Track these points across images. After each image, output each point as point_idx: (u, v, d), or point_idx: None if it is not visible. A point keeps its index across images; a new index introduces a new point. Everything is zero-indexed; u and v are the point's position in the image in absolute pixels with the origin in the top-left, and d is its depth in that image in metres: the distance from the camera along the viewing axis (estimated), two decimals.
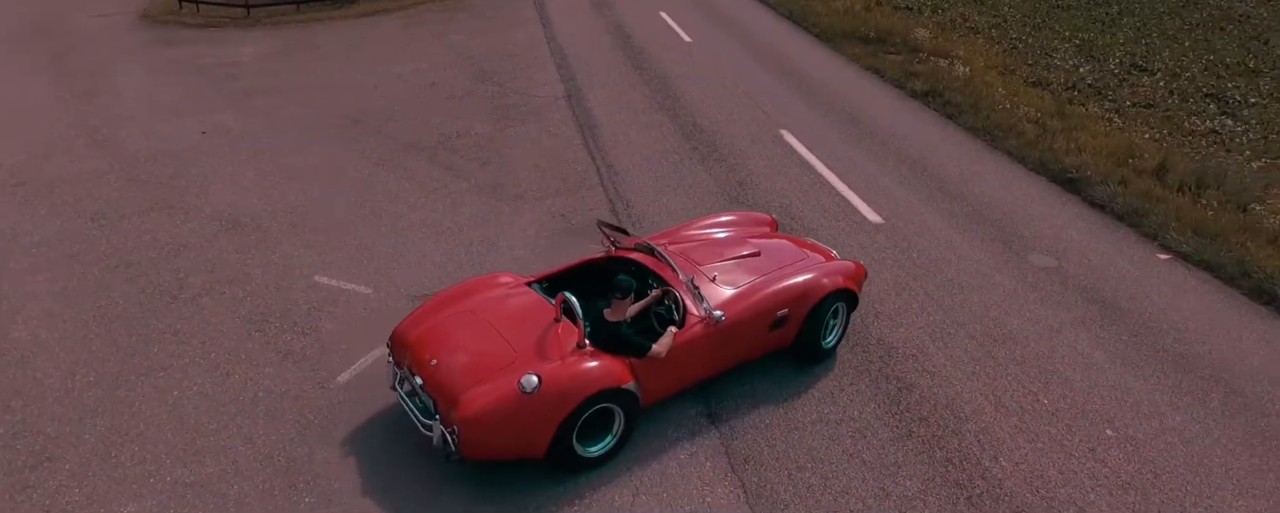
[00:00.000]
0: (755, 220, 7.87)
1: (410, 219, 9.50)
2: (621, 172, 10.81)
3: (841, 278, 6.83)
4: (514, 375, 5.45)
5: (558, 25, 18.16)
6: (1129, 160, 11.24)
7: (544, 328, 5.85)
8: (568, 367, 5.55)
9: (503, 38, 17.20)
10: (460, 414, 5.33)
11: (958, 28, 18.87)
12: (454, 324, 5.97)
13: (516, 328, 5.87)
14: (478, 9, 19.75)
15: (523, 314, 6.03)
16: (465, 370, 5.56)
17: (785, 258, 7.00)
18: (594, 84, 14.27)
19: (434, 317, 6.08)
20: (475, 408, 5.33)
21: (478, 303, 6.18)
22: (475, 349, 5.71)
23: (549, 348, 5.69)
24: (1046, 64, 16.46)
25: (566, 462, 5.71)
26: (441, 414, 5.49)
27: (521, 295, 6.29)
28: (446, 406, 5.46)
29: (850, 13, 18.97)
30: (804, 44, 17.29)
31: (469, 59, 15.79)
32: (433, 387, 5.60)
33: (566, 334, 5.80)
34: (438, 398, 5.54)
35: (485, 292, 6.31)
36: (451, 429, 5.38)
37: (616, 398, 5.70)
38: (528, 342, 5.74)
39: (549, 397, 5.40)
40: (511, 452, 5.57)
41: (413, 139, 11.87)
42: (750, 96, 13.78)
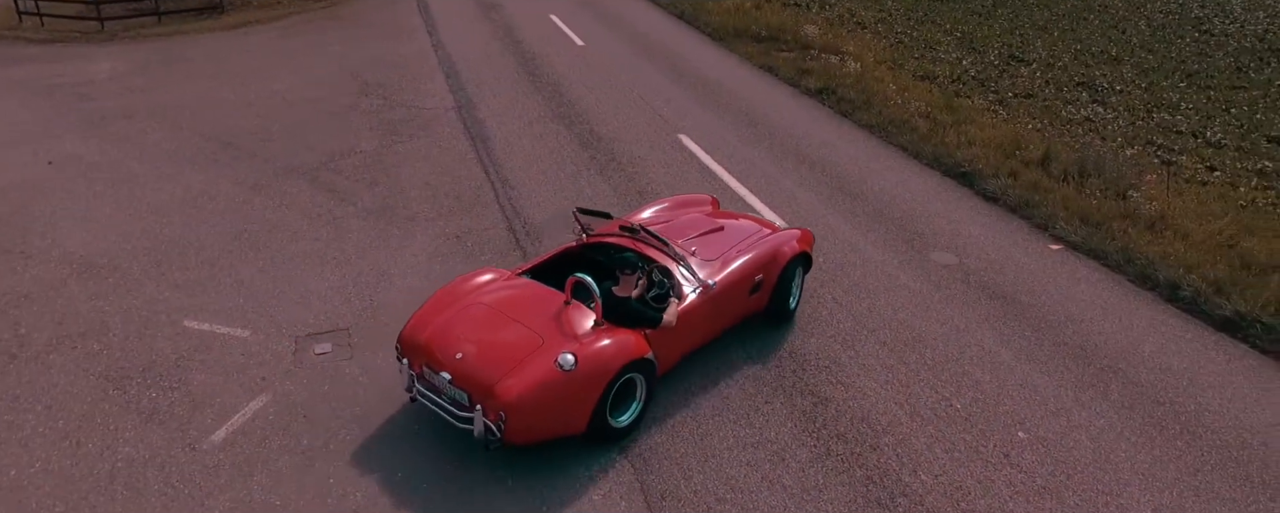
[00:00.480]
0: (697, 201, 8.36)
1: (292, 250, 8.77)
2: (517, 186, 10.32)
3: (799, 244, 7.49)
4: (547, 358, 5.60)
5: (444, 32, 17.44)
6: (1016, 152, 11.49)
7: (557, 311, 6.00)
8: (596, 343, 5.76)
9: (387, 47, 16.37)
10: (504, 400, 5.40)
11: (845, 23, 19.12)
12: (468, 318, 6.03)
13: (531, 314, 5.99)
14: (359, 17, 18.79)
15: (533, 301, 6.15)
16: (495, 359, 5.63)
17: (747, 230, 7.58)
18: (485, 93, 13.68)
19: (443, 314, 6.10)
20: (518, 392, 5.42)
21: (484, 296, 6.23)
22: (498, 339, 5.79)
23: (570, 329, 5.86)
24: (932, 57, 16.83)
25: (602, 434, 5.93)
26: (482, 405, 5.51)
27: (524, 285, 6.41)
28: (483, 395, 5.51)
29: (740, 10, 18.95)
30: (697, 43, 17.13)
31: (352, 71, 14.92)
32: (463, 380, 5.62)
33: (581, 315, 6.01)
34: (471, 390, 5.58)
35: (483, 286, 6.38)
36: (497, 417, 5.43)
37: (640, 368, 5.99)
38: (547, 326, 5.86)
39: (585, 373, 5.62)
40: (555, 431, 5.73)
41: (293, 161, 11.04)
42: (646, 100, 13.49)
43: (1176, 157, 12.20)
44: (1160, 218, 9.59)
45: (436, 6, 19.68)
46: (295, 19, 18.58)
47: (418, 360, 5.92)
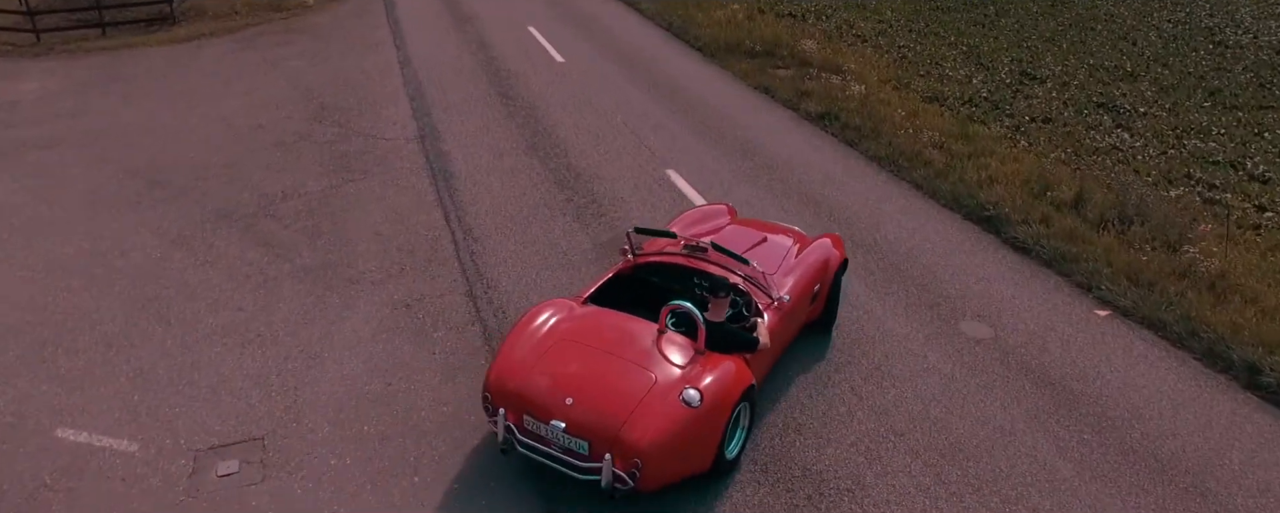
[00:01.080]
0: (716, 212, 7.89)
1: (208, 324, 7.32)
2: (482, 237, 8.90)
3: (839, 249, 7.31)
4: (666, 396, 5.20)
5: (413, 46, 15.96)
6: (1045, 192, 10.15)
7: (654, 342, 5.59)
8: (708, 374, 5.38)
9: (349, 64, 14.89)
10: (638, 446, 5.00)
11: (844, 36, 17.75)
12: (562, 358, 5.50)
13: (628, 348, 5.54)
14: (323, 29, 17.28)
15: (624, 333, 5.68)
16: (612, 402, 5.18)
17: (787, 239, 7.25)
18: (452, 119, 12.24)
19: (531, 356, 5.54)
20: (651, 437, 5.02)
21: (571, 332, 5.69)
22: (606, 378, 5.34)
23: (674, 361, 5.47)
24: (939, 75, 15.49)
25: (720, 468, 5.55)
26: (611, 454, 5.04)
27: (607, 317, 5.89)
28: (609, 443, 5.07)
29: (732, 23, 17.54)
30: (687, 60, 15.73)
31: (307, 92, 13.43)
32: (580, 428, 5.14)
33: (679, 344, 5.62)
34: (593, 438, 5.12)
35: (562, 321, 5.80)
36: (630, 465, 5.00)
37: (748, 395, 5.62)
38: (650, 359, 5.46)
39: (709, 407, 5.25)
40: (683, 472, 5.32)
41: (227, 204, 9.57)
42: (631, 127, 12.08)
43: (1220, 193, 10.89)
44: (1221, 277, 8.26)
45: (407, 18, 18.20)
46: (253, 31, 17.06)
47: (516, 410, 5.35)
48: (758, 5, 19.42)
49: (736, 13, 18.33)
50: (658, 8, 18.92)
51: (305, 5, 18.99)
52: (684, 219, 7.72)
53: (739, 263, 6.31)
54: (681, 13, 18.33)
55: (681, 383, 5.24)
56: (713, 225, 7.49)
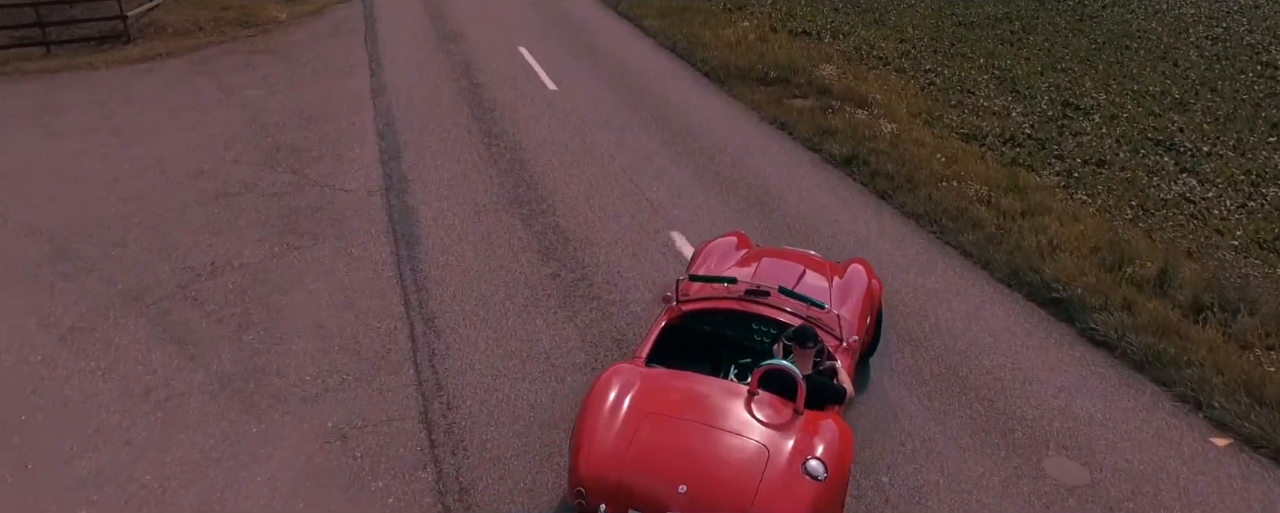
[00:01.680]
0: (727, 245, 7.04)
1: (78, 471, 5.62)
2: (446, 331, 7.21)
3: (875, 276, 6.84)
4: (786, 469, 4.59)
5: (391, 71, 14.26)
6: (1121, 266, 8.47)
7: (749, 407, 4.98)
8: (819, 439, 4.81)
9: (316, 92, 13.19)
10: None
11: (864, 58, 16.03)
12: (658, 437, 4.78)
13: (725, 417, 4.91)
14: (292, 50, 15.58)
15: (713, 400, 5.04)
16: (730, 484, 4.53)
17: (827, 270, 6.67)
18: (425, 165, 10.54)
19: (624, 439, 4.76)
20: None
21: (654, 405, 4.95)
22: (715, 457, 4.68)
23: (778, 425, 4.87)
24: (973, 105, 13.78)
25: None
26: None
27: (687, 381, 5.23)
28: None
29: (743, 43, 15.84)
30: (693, 87, 14.02)
31: (263, 127, 11.73)
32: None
33: (776, 405, 5.01)
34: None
35: (640, 392, 5.03)
36: None
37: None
38: (752, 428, 4.84)
39: (834, 477, 4.68)
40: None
41: (140, 281, 7.88)
42: (630, 175, 10.38)
43: None
44: None
45: (388, 36, 16.49)
46: (215, 51, 15.35)
47: (618, 505, 4.56)
48: (769, 23, 17.72)
49: (747, 32, 16.63)
50: (662, 25, 17.22)
51: (277, 21, 17.30)
52: (705, 256, 6.91)
53: (809, 306, 5.70)
54: (687, 31, 16.62)
55: (798, 453, 4.66)
56: (740, 259, 6.72)
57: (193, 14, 16.78)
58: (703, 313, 5.80)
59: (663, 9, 18.31)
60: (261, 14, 17.45)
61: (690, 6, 18.50)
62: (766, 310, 5.70)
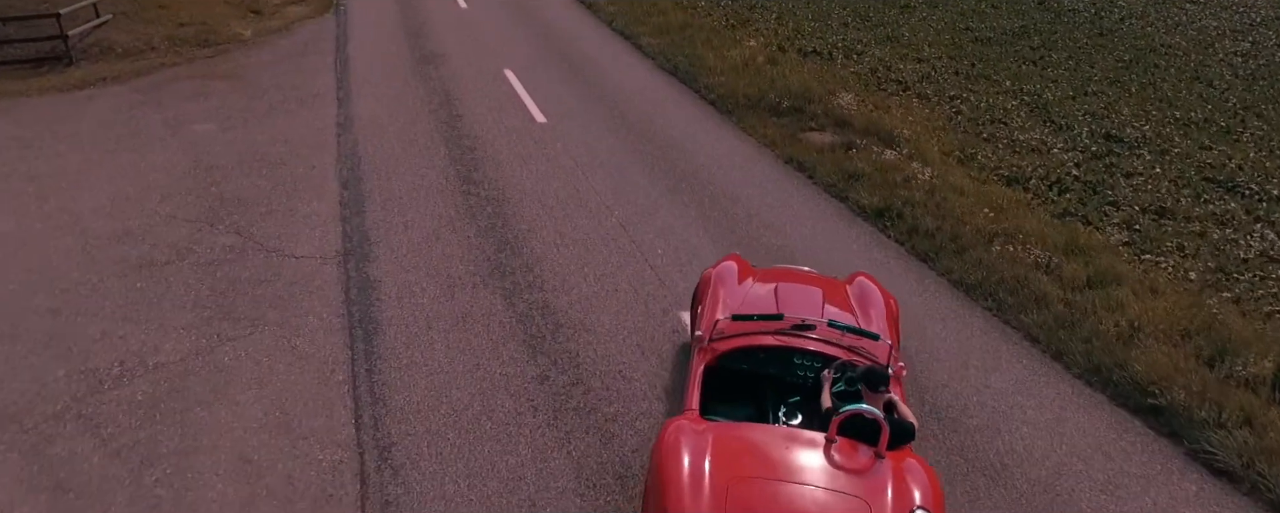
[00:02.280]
0: (730, 271, 6.38)
1: None
2: (404, 466, 5.64)
3: (884, 289, 6.44)
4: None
5: (360, 101, 12.66)
6: (1223, 357, 7.02)
7: (830, 456, 4.52)
8: (911, 482, 4.43)
9: (273, 127, 11.59)
10: None
11: (882, 82, 14.53)
12: (755, 506, 4.18)
13: (813, 472, 4.43)
14: (252, 74, 13.95)
15: (794, 454, 4.51)
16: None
17: (841, 290, 6.28)
18: (392, 221, 8.99)
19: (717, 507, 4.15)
20: None
21: (737, 468, 4.39)
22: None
23: (868, 475, 4.45)
24: (1007, 138, 12.30)
25: None
26: None
27: (759, 433, 4.70)
28: None
29: (751, 66, 14.33)
30: (698, 118, 12.50)
31: (209, 172, 10.13)
32: None
33: (858, 452, 4.58)
34: None
35: (718, 452, 4.46)
36: None
37: None
38: (844, 480, 4.40)
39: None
40: None
41: (24, 393, 6.27)
42: (629, 231, 8.85)
43: None
44: None
45: (359, 57, 14.90)
46: (166, 75, 13.71)
47: None
48: (777, 42, 16.22)
49: (754, 53, 15.12)
50: (661, 44, 15.69)
51: (240, 39, 15.66)
52: (713, 286, 6.24)
53: (860, 337, 5.43)
54: (690, 52, 15.09)
55: (900, 503, 4.36)
56: (754, 287, 6.18)
57: (145, 32, 15.12)
58: (740, 351, 5.39)
59: (661, 25, 16.79)
60: (223, 31, 15.81)
61: (691, 23, 16.97)
62: (811, 344, 5.34)
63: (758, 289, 6.05)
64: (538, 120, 12.03)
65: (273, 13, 17.78)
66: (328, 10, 18.17)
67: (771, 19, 18.38)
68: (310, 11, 17.90)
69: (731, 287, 6.13)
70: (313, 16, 17.56)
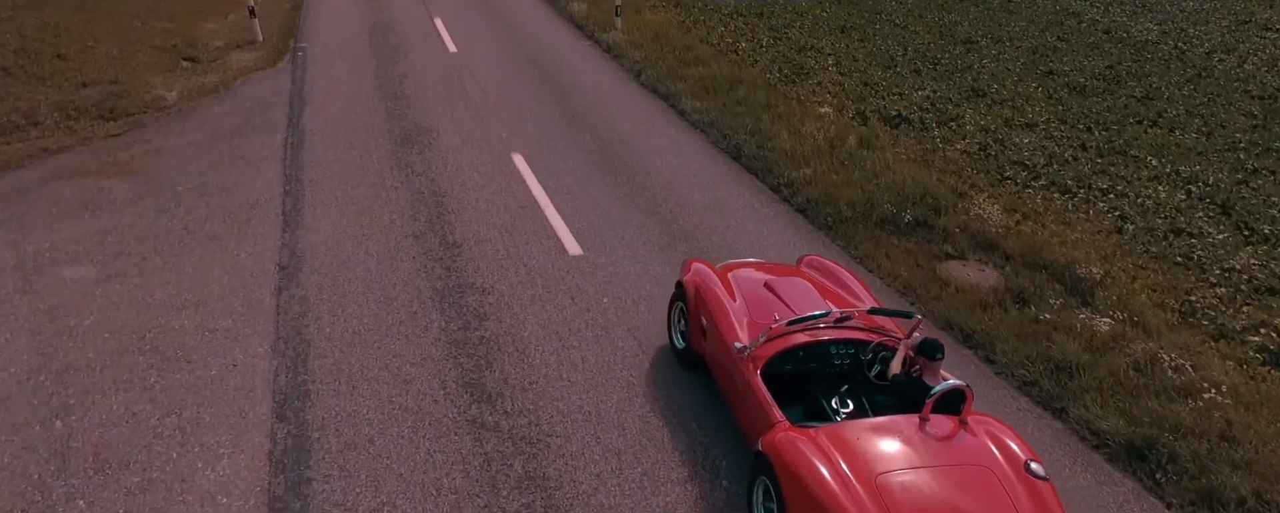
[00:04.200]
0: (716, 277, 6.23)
1: None
2: None
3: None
4: (1019, 481, 4.47)
5: (315, 218, 8.62)
6: None
7: (938, 434, 4.71)
8: (1001, 433, 4.78)
9: (182, 271, 7.55)
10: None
11: (1003, 166, 10.64)
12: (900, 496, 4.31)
13: (929, 452, 4.59)
14: (166, 167, 9.82)
15: (904, 440, 4.65)
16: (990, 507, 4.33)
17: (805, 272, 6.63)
18: (355, 490, 5.15)
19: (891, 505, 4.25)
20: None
21: (869, 465, 4.46)
22: (958, 493, 4.38)
23: (968, 442, 4.69)
24: (1220, 267, 8.59)
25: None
26: None
27: (865, 429, 4.73)
28: None
29: (838, 149, 10.40)
30: (793, 240, 8.66)
31: (58, 384, 6.09)
32: None
33: (949, 422, 4.81)
34: None
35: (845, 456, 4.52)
36: None
37: None
38: (956, 452, 4.61)
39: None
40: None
41: None
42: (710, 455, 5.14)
43: None
44: None
45: (319, 139, 10.87)
46: (43, 171, 9.59)
47: None
48: (854, 104, 12.44)
49: (833, 126, 11.30)
50: (710, 110, 11.79)
51: (162, 105, 11.59)
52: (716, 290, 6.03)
53: (898, 318, 5.87)
54: (751, 124, 11.19)
55: (1011, 461, 4.58)
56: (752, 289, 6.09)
57: (29, 98, 11.00)
58: (782, 355, 5.40)
59: (704, 80, 12.94)
60: (140, 93, 11.73)
61: (740, 77, 13.13)
62: (837, 334, 5.50)
63: (751, 289, 6.11)
64: (569, 249, 8.20)
65: (212, 60, 13.69)
66: (282, 57, 14.08)
67: (829, 64, 14.64)
68: (260, 59, 13.80)
69: (725, 292, 6.07)
70: (262, 67, 13.47)
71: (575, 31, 16.38)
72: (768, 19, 17.71)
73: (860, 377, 5.46)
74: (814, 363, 5.48)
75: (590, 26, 16.27)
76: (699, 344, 6.05)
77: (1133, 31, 18.16)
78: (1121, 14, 19.92)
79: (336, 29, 16.13)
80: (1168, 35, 17.94)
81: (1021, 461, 4.54)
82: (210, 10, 17.48)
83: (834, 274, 6.52)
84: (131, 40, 14.22)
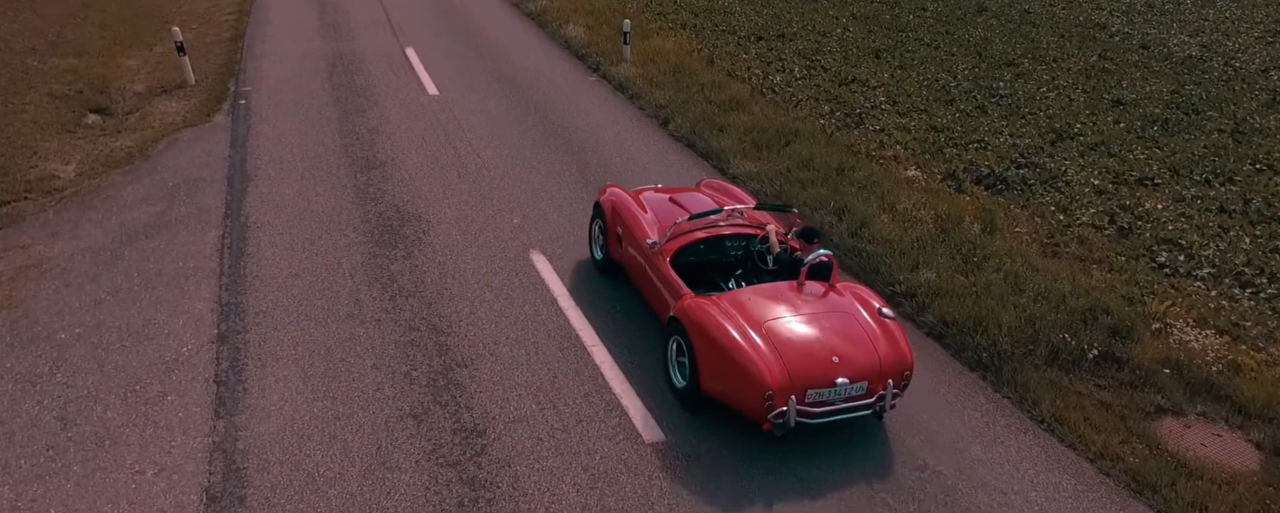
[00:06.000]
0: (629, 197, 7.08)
1: None
2: None
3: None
4: (876, 321, 5.56)
5: (265, 383, 5.69)
6: None
7: (812, 293, 5.77)
8: (866, 293, 5.90)
9: (44, 508, 4.77)
10: (906, 361, 5.43)
11: (1149, 247, 8.26)
12: (787, 338, 5.36)
13: (805, 306, 5.64)
14: (39, 299, 6.72)
15: (784, 299, 5.69)
16: (862, 345, 5.41)
17: (703, 189, 7.54)
18: None
19: (770, 349, 5.27)
20: (907, 349, 5.48)
21: (759, 316, 5.48)
22: (830, 331, 5.46)
23: (836, 298, 5.75)
24: None
25: None
26: (891, 384, 5.34)
27: (750, 294, 5.75)
28: (882, 374, 5.35)
29: (951, 232, 7.80)
30: (932, 380, 6.13)
31: None
32: (857, 374, 5.31)
33: (820, 286, 5.85)
34: (868, 377, 5.33)
35: (743, 312, 5.54)
36: (902, 379, 5.42)
37: None
38: (827, 304, 5.67)
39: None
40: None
41: None
42: None
43: None
44: None
45: (271, 239, 7.96)
46: None
47: (799, 391, 5.18)
48: (930, 153, 9.92)
49: (927, 193, 8.77)
50: (769, 176, 9.14)
51: (52, 186, 8.48)
52: (635, 207, 6.89)
53: (782, 212, 6.84)
54: (827, 194, 8.49)
55: (868, 308, 5.66)
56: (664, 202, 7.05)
57: None
58: (686, 248, 6.33)
59: (749, 131, 10.16)
60: (21, 167, 8.58)
61: (793, 128, 10.40)
62: (732, 229, 6.45)
63: (658, 203, 6.96)
64: (645, 435, 5.51)
65: (129, 112, 10.55)
66: (219, 107, 10.99)
67: (880, 99, 12.08)
68: (191, 110, 10.70)
69: (637, 206, 6.84)
70: (193, 121, 10.37)
71: (576, 64, 13.54)
72: (791, 42, 15.11)
73: (751, 264, 6.38)
74: (713, 254, 6.48)
75: (594, 57, 13.45)
76: (616, 251, 6.91)
77: (1171, 46, 16.05)
78: (1147, 25, 17.85)
79: (288, 66, 13.05)
80: (1209, 50, 15.83)
81: (876, 308, 5.63)
82: (132, 40, 14.21)
83: (728, 191, 7.38)
84: (21, 85, 10.96)
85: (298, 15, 16.63)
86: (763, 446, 5.44)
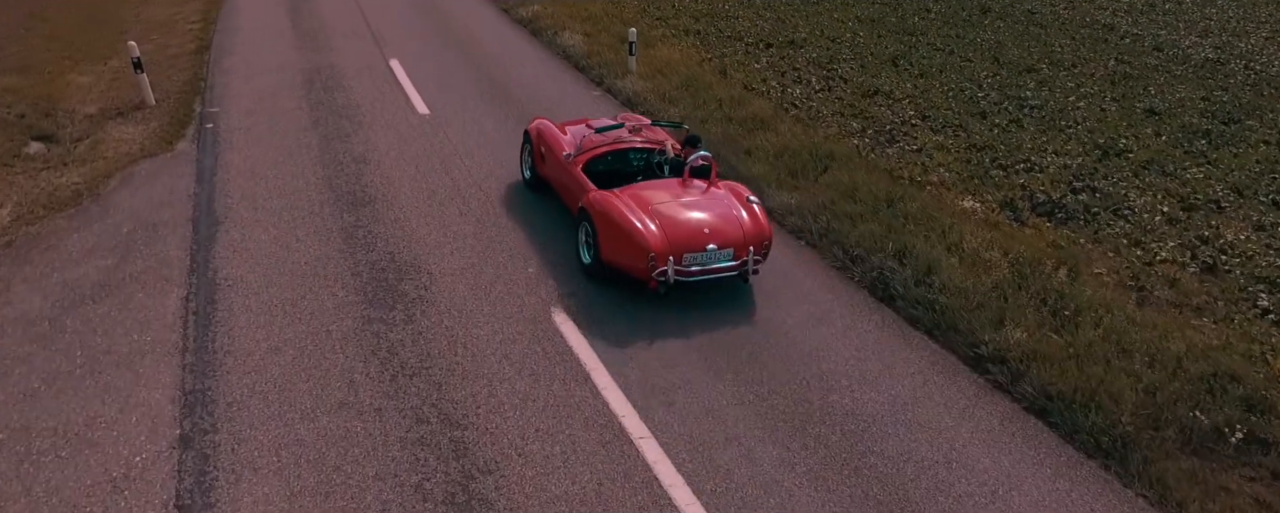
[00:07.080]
0: (551, 125, 8.39)
1: None
2: None
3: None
4: (744, 205, 6.89)
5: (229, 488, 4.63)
6: None
7: (697, 187, 7.13)
8: (738, 189, 7.24)
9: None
10: (764, 235, 6.76)
11: (1242, 286, 7.28)
12: (671, 217, 6.68)
13: (689, 196, 6.96)
14: (24, 309, 5.59)
15: (672, 192, 7.00)
16: (729, 221, 6.73)
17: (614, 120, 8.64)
18: None
19: (657, 224, 6.59)
20: (766, 226, 6.82)
21: (650, 202, 6.82)
22: (709, 213, 6.78)
23: (714, 190, 7.10)
24: None
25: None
26: (752, 251, 6.62)
27: (645, 188, 7.07)
28: (745, 243, 6.63)
29: (1030, 278, 6.70)
30: (1056, 489, 5.00)
31: None
32: (724, 242, 6.59)
33: (701, 182, 7.21)
34: (734, 245, 6.60)
35: (637, 201, 6.85)
36: (762, 247, 6.73)
37: None
38: (706, 194, 7.00)
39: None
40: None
41: None
42: None
43: None
44: None
45: (244, 301, 6.67)
46: None
47: (676, 255, 6.47)
48: (978, 177, 8.84)
49: (993, 229, 7.69)
50: (810, 209, 7.94)
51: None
52: (556, 133, 8.15)
53: (673, 128, 8.37)
54: (880, 231, 7.29)
55: (739, 196, 7.03)
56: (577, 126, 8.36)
57: None
58: (595, 158, 7.59)
59: (779, 155, 9.00)
60: None
61: (828, 150, 9.24)
62: (638, 142, 7.80)
63: (576, 130, 8.20)
64: None
65: (78, 139, 9.11)
66: (182, 132, 9.59)
67: (909, 114, 10.98)
68: (149, 136, 9.27)
69: (559, 132, 8.16)
70: (153, 150, 8.95)
71: (577, 76, 12.27)
72: (802, 49, 13.98)
73: (651, 173, 7.73)
74: (619, 164, 7.75)
75: (596, 69, 12.20)
76: (541, 168, 8.24)
77: (1185, 49, 15.22)
78: (1153, 25, 17.01)
79: (260, 82, 11.62)
80: (1224, 52, 15.01)
81: (744, 197, 7.02)
82: (85, 52, 12.68)
83: (642, 122, 8.46)
84: None
85: (269, 23, 15.16)
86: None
